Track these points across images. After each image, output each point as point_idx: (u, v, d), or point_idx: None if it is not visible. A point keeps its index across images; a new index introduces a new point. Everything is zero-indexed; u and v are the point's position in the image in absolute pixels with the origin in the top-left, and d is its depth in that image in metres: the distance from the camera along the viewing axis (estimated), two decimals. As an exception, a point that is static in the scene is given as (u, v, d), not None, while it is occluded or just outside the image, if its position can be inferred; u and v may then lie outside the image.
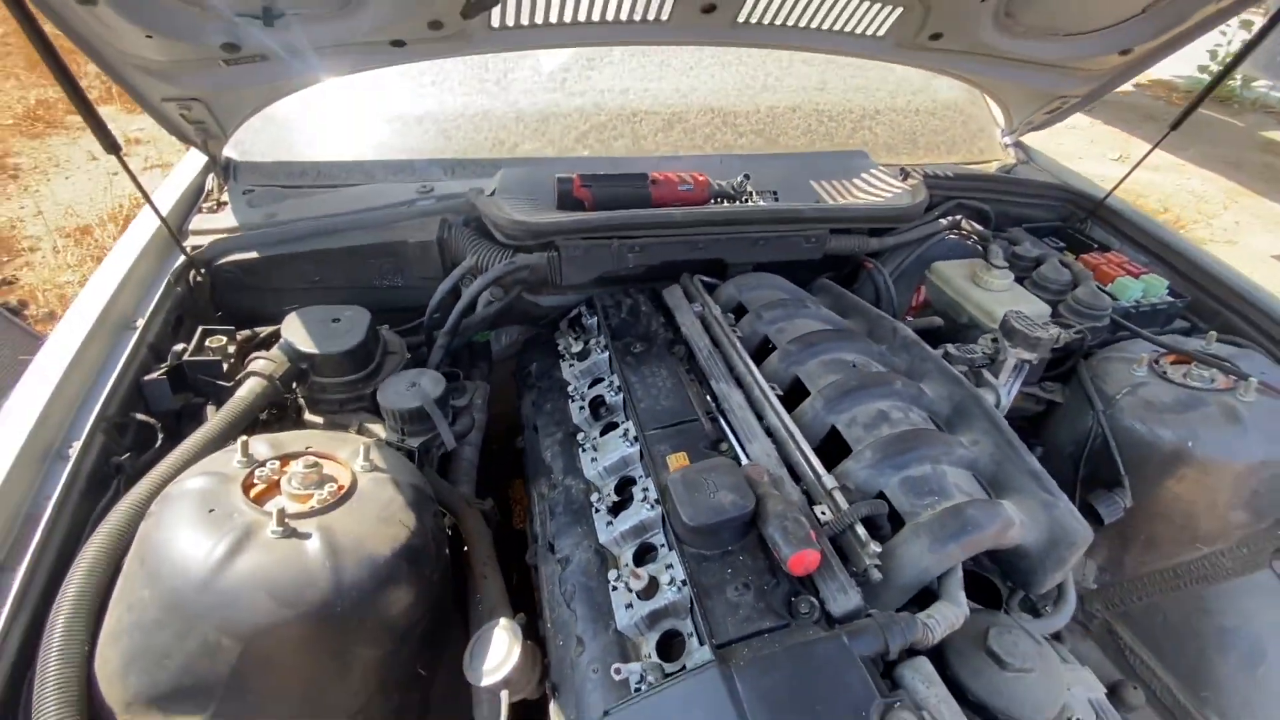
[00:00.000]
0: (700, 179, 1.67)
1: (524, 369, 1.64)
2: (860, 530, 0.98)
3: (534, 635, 1.08)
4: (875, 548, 0.96)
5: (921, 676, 0.88)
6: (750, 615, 0.90)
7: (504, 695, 0.99)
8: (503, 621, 1.02)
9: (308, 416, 1.42)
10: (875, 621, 0.88)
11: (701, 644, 0.88)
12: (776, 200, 1.75)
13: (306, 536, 0.91)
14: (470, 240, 1.60)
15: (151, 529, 0.92)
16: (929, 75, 2.09)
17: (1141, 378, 1.43)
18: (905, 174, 1.88)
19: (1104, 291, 1.66)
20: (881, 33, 1.70)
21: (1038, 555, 1.05)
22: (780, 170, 1.86)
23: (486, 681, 0.97)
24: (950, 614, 0.93)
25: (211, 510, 0.91)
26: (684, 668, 0.87)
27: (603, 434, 1.29)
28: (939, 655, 0.96)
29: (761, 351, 1.44)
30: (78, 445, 1.12)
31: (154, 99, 1.45)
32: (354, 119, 1.98)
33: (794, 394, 1.32)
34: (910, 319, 1.75)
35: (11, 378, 1.19)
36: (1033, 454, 1.14)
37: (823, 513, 1.03)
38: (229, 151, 1.78)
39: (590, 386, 1.43)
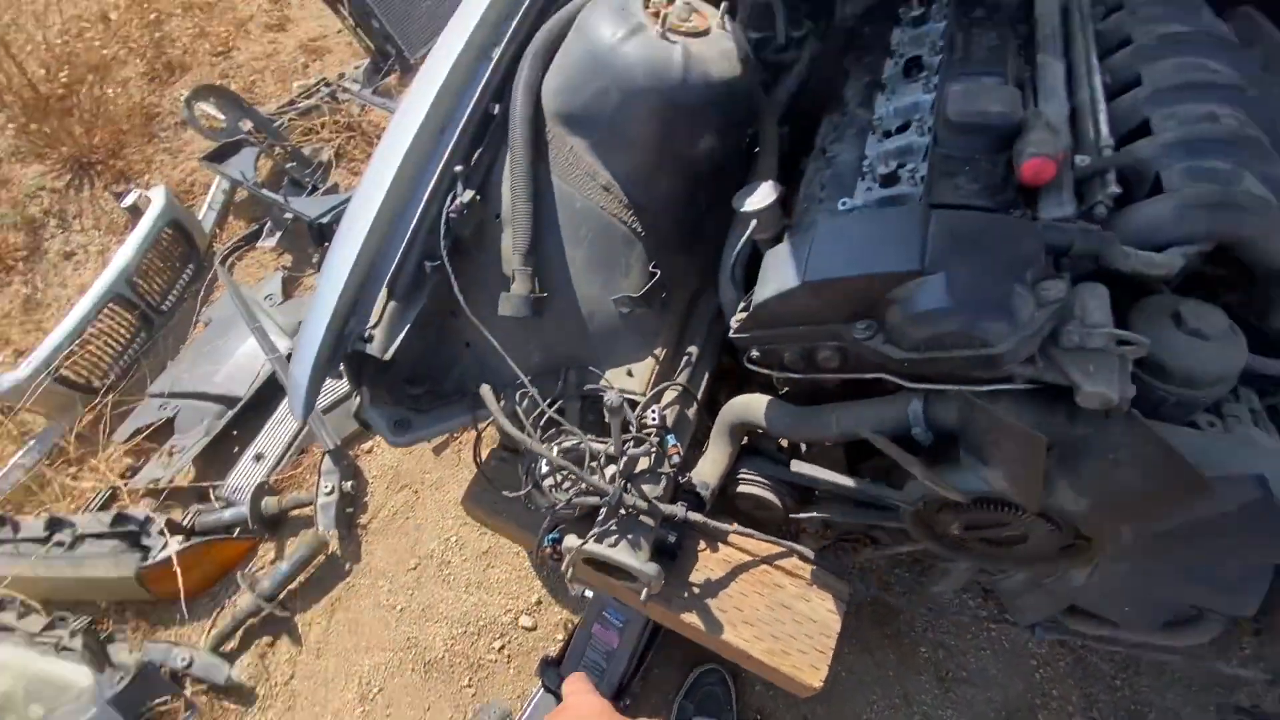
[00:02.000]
0: None
1: (857, 32, 1.76)
2: (1109, 175, 1.05)
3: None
4: (1115, 189, 1.03)
5: (1094, 294, 1.00)
6: (967, 195, 1.09)
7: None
8: (770, 181, 1.36)
9: None
10: (1072, 225, 1.00)
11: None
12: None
13: (674, 45, 1.30)
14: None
15: (588, 12, 1.39)
16: None
17: None
18: None
19: None
20: None
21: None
22: None
23: (746, 208, 1.34)
24: (1153, 260, 0.99)
25: (621, 9, 1.33)
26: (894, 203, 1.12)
27: (905, 77, 1.42)
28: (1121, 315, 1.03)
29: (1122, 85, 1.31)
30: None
31: None
32: None
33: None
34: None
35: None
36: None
37: (1082, 159, 1.09)
38: None
39: (912, 47, 1.52)
